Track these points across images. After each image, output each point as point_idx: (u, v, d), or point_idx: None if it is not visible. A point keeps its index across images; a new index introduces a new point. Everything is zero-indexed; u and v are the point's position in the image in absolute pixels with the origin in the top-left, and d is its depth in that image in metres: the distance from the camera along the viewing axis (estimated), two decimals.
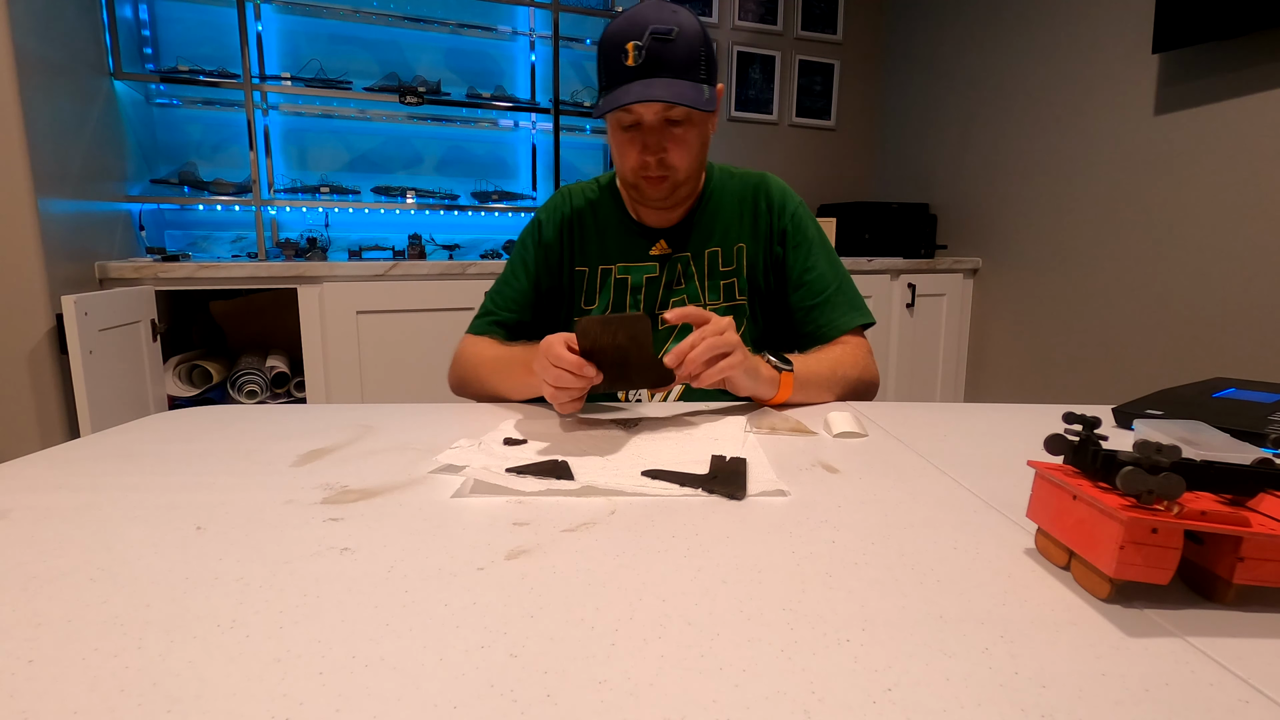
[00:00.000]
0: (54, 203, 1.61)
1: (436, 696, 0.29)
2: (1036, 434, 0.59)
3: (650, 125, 0.87)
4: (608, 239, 0.99)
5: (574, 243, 0.99)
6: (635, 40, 0.83)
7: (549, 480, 0.55)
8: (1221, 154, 1.80)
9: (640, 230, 0.99)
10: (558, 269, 1.00)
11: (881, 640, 0.33)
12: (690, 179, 0.93)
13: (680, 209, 0.97)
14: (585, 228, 1.00)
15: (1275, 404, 0.74)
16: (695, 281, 0.97)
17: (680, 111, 0.86)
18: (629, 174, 0.92)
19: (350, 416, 0.77)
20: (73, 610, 0.36)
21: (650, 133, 0.87)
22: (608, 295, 0.98)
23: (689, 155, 0.90)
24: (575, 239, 0.99)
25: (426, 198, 2.38)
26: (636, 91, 0.83)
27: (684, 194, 0.94)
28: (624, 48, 0.83)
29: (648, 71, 0.83)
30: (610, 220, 1.00)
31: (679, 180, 0.91)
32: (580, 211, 1.01)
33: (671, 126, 0.88)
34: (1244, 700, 0.29)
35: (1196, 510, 0.35)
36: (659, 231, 0.98)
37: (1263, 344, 1.74)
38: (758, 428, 0.72)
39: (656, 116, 0.86)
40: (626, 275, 0.98)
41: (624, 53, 0.83)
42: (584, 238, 1.00)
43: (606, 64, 0.87)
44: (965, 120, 2.63)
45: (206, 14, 2.20)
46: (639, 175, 0.91)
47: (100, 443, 0.67)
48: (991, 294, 2.58)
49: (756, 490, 0.54)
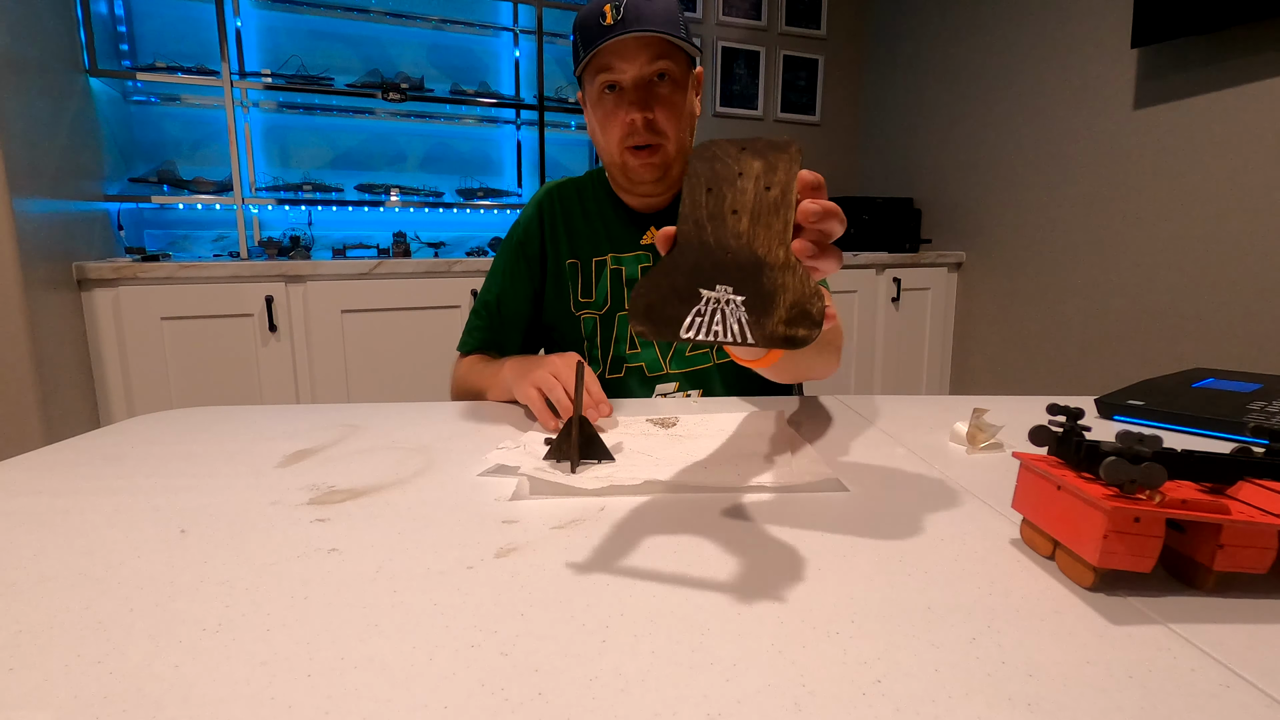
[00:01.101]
0: (29, 202, 1.59)
1: (427, 696, 0.29)
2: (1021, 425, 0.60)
3: (634, 82, 0.84)
4: (597, 229, 0.97)
5: (561, 236, 0.97)
6: (612, 1, 0.81)
7: (608, 478, 0.55)
8: (1200, 147, 1.82)
9: (630, 217, 0.96)
10: (541, 267, 0.98)
11: (870, 632, 0.33)
12: (680, 155, 0.90)
13: (669, 193, 0.94)
14: (573, 219, 0.97)
15: (1253, 393, 0.75)
16: None
17: (664, 65, 0.83)
18: (615, 149, 0.88)
19: (336, 416, 0.76)
20: (55, 616, 0.35)
21: (634, 91, 0.84)
22: (604, 288, 0.96)
23: (677, 121, 0.86)
24: (562, 232, 0.97)
25: (410, 195, 2.37)
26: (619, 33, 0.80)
27: (675, 175, 0.91)
28: (601, 10, 0.82)
29: (627, 26, 0.81)
30: (599, 209, 0.97)
31: (670, 155, 0.88)
32: (568, 203, 0.98)
33: (657, 86, 0.85)
34: (1224, 685, 0.30)
35: (1178, 499, 0.35)
36: (648, 218, 0.96)
37: (1241, 335, 1.77)
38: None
39: (640, 72, 0.83)
40: (620, 266, 0.95)
41: (602, 14, 0.81)
42: (572, 230, 0.97)
43: (584, 33, 0.84)
44: (948, 115, 2.64)
45: (184, 9, 2.16)
46: (626, 146, 0.86)
47: (82, 445, 0.66)
48: (975, 287, 2.60)
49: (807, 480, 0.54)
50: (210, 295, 1.86)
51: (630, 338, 0.95)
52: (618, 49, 0.82)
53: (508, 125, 2.57)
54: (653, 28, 0.81)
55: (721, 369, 0.95)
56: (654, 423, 0.72)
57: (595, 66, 0.84)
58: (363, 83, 2.29)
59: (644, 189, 0.91)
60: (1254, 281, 1.73)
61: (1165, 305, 1.94)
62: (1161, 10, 1.79)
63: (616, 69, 0.83)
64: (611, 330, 0.96)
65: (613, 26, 0.81)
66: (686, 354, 0.94)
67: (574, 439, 0.58)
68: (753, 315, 0.38)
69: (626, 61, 0.83)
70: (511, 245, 0.98)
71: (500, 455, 0.62)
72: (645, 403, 0.86)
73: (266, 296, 1.89)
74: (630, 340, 0.95)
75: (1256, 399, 0.73)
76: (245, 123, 2.26)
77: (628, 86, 0.84)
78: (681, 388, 0.95)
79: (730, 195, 0.40)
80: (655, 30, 0.81)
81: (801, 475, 0.56)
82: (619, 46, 0.82)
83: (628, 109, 0.84)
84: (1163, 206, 1.93)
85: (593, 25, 0.83)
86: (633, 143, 0.86)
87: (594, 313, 0.96)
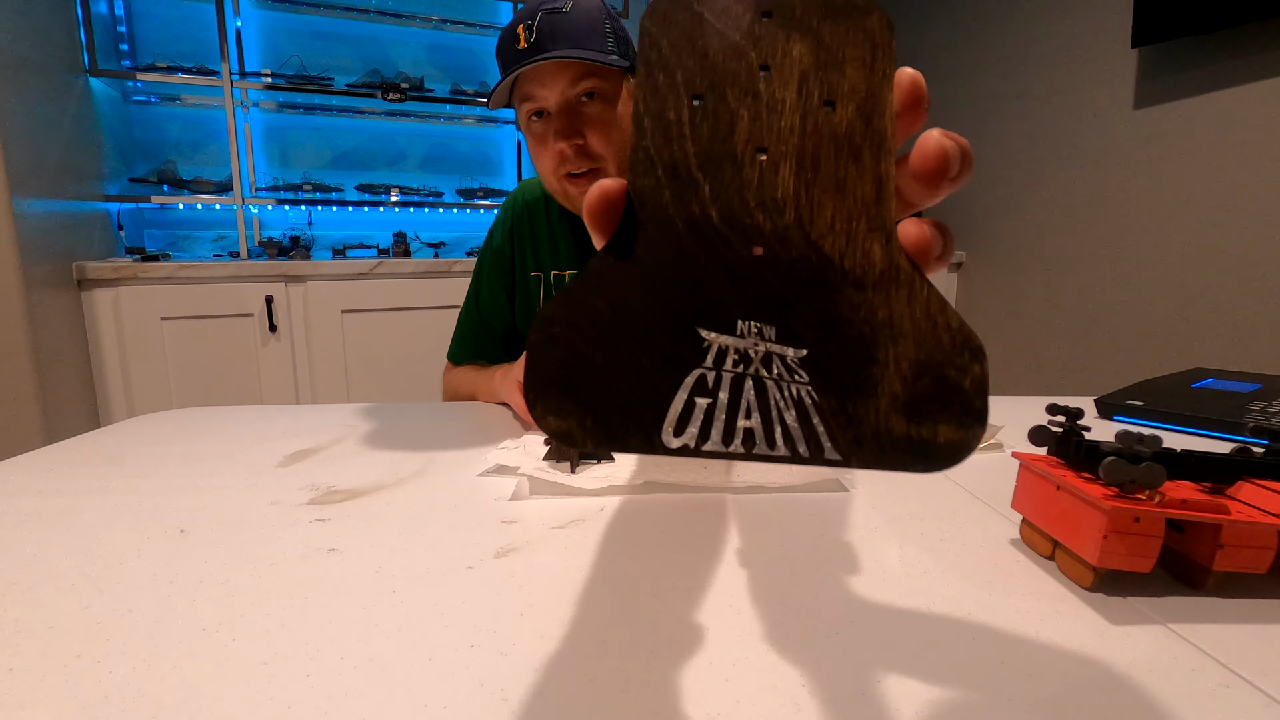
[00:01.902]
0: (29, 202, 1.59)
1: (426, 696, 0.29)
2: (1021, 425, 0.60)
3: (557, 108, 0.76)
4: (558, 241, 0.92)
5: (527, 247, 0.93)
6: (525, 21, 0.74)
7: (608, 478, 0.55)
8: (1200, 147, 1.82)
9: (585, 230, 0.91)
10: (511, 275, 0.95)
11: (870, 632, 0.33)
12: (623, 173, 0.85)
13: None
14: (538, 229, 0.93)
15: (1253, 393, 0.75)
16: None
17: (589, 85, 0.75)
18: (552, 176, 0.80)
19: (336, 416, 0.76)
20: (54, 617, 0.35)
21: (559, 117, 0.76)
22: None
23: (613, 141, 0.78)
24: (528, 243, 0.93)
25: (410, 195, 2.37)
26: (527, 62, 0.73)
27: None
28: (515, 32, 0.75)
29: (541, 48, 0.73)
30: (560, 220, 0.93)
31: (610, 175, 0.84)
32: (534, 211, 0.93)
33: (583, 106, 0.77)
34: (1224, 685, 0.30)
35: (1177, 499, 0.35)
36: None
37: (1240, 335, 1.77)
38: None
39: (563, 97, 0.76)
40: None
41: (515, 37, 0.74)
42: (534, 242, 0.93)
43: (501, 58, 0.78)
44: (947, 114, 2.64)
45: (184, 10, 2.17)
46: (561, 175, 0.79)
47: (81, 446, 0.66)
48: (975, 288, 2.60)
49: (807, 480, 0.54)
50: (210, 295, 1.86)
51: None
52: (536, 75, 0.75)
53: (508, 125, 2.58)
54: (568, 48, 0.73)
55: None
56: None
57: (518, 95, 0.78)
58: (363, 83, 2.29)
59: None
60: (1254, 281, 1.73)
61: (1165, 305, 1.94)
62: (1161, 10, 1.79)
63: (538, 96, 0.76)
64: None
65: (527, 50, 0.73)
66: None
67: None
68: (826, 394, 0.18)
69: (546, 88, 0.75)
70: (489, 251, 0.96)
71: (500, 455, 0.62)
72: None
73: (266, 296, 1.89)
74: None
75: (1256, 399, 0.73)
76: (245, 123, 2.26)
77: (553, 113, 0.77)
78: None
79: (746, 113, 0.19)
80: (571, 53, 0.73)
81: (801, 475, 0.56)
82: (536, 73, 0.75)
83: (555, 138, 0.77)
84: (1163, 206, 1.93)
85: (508, 49, 0.76)
86: (566, 170, 0.79)
87: None
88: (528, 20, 0.74)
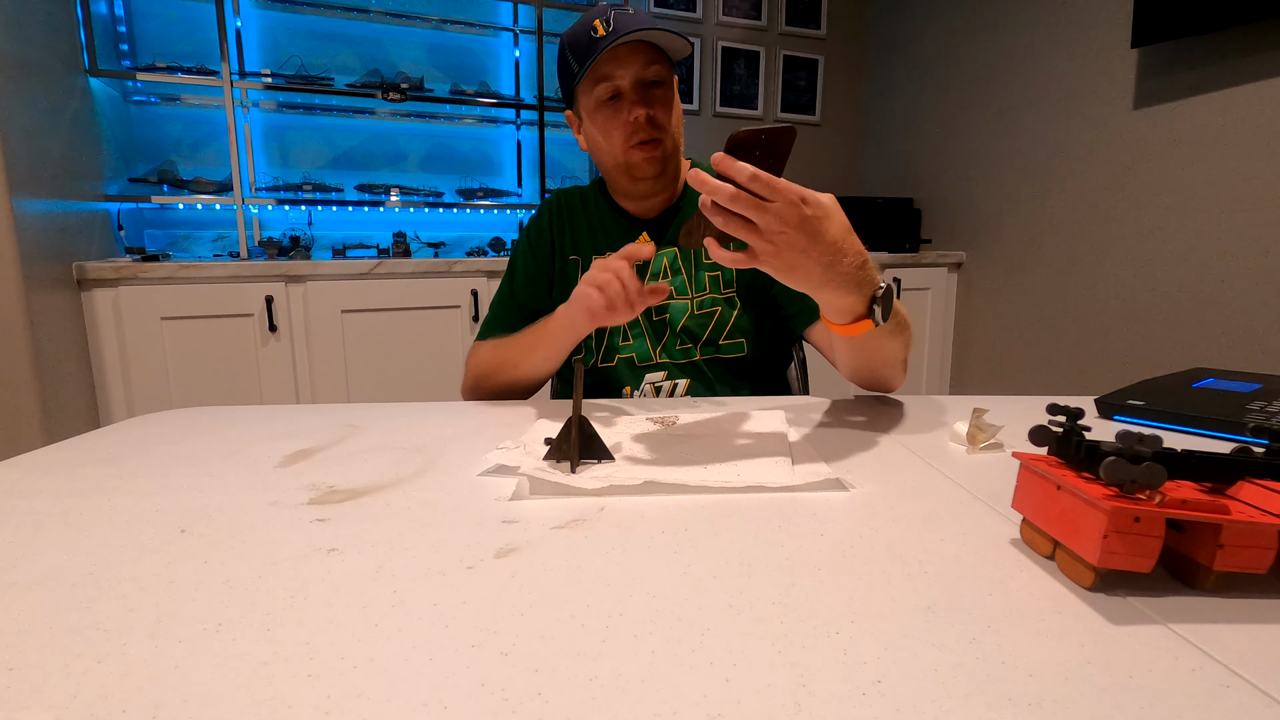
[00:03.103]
0: (29, 202, 1.59)
1: (427, 696, 0.29)
2: (1021, 425, 0.60)
3: (630, 87, 0.89)
4: (596, 229, 1.02)
5: (565, 234, 1.02)
6: (601, 16, 0.87)
7: (608, 478, 0.55)
8: (1199, 147, 1.82)
9: (627, 220, 1.01)
10: (550, 261, 1.02)
11: (870, 632, 0.33)
12: (676, 151, 0.95)
13: (660, 197, 0.99)
14: (576, 220, 1.03)
15: (1253, 393, 0.75)
16: (683, 274, 0.98)
17: (656, 71, 0.89)
18: (620, 148, 0.92)
19: (336, 416, 0.76)
20: (55, 616, 0.35)
21: (635, 90, 0.90)
22: None
23: (673, 118, 0.93)
24: (567, 230, 1.02)
25: (410, 195, 2.37)
26: (613, 40, 0.85)
27: (672, 170, 0.96)
28: (591, 25, 0.88)
29: (619, 34, 0.86)
30: (599, 213, 1.03)
31: (669, 149, 0.93)
32: (571, 206, 1.04)
33: (651, 89, 0.91)
34: (1225, 685, 0.30)
35: (1178, 499, 0.35)
36: (641, 223, 1.01)
37: (1241, 335, 1.77)
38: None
39: (638, 75, 0.89)
40: None
41: (592, 29, 0.87)
42: (574, 229, 1.02)
43: (575, 49, 0.90)
44: (949, 115, 2.64)
45: (184, 10, 2.17)
46: (630, 145, 0.91)
47: (82, 446, 0.66)
48: (975, 287, 2.60)
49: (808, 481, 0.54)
50: (210, 295, 1.86)
51: (623, 330, 0.98)
52: (614, 57, 0.88)
53: (508, 125, 2.58)
54: (644, 32, 0.86)
55: (709, 362, 0.97)
56: (654, 422, 0.72)
57: (594, 77, 0.90)
58: (363, 83, 2.29)
59: (644, 187, 0.96)
60: (1254, 281, 1.73)
61: (1165, 305, 1.94)
62: (1161, 10, 1.79)
63: (616, 75, 0.89)
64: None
65: (605, 37, 0.86)
66: (676, 347, 0.97)
67: (574, 439, 0.58)
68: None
69: (624, 68, 0.88)
70: (525, 244, 1.04)
71: (500, 455, 0.62)
72: (646, 402, 0.87)
73: (266, 296, 1.89)
74: (623, 332, 0.98)
75: (1256, 399, 0.73)
76: (245, 123, 2.26)
77: (627, 89, 0.89)
78: (670, 376, 0.97)
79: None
80: (656, 27, 0.87)
81: (801, 475, 0.56)
82: (614, 55, 0.88)
83: (630, 108, 0.90)
84: (1163, 206, 1.93)
85: (584, 40, 0.88)
86: (637, 139, 0.91)
87: None
88: (603, 15, 0.88)
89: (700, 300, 0.97)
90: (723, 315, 0.97)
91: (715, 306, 0.97)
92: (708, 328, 0.96)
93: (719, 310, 0.97)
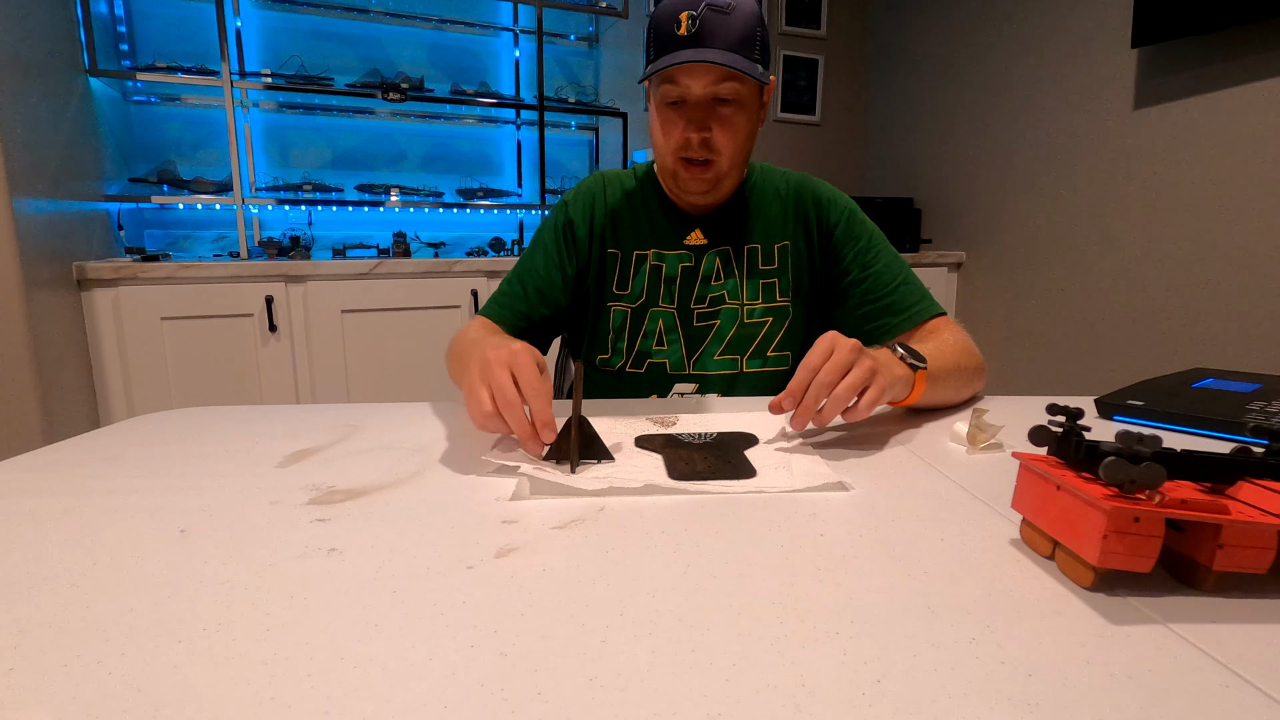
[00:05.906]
0: (29, 202, 1.59)
1: (426, 696, 0.29)
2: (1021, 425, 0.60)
3: (697, 101, 0.82)
4: (640, 221, 0.95)
5: (604, 224, 0.95)
6: (690, 10, 0.79)
7: (608, 478, 0.55)
8: (1200, 147, 1.82)
9: (677, 214, 0.94)
10: (588, 249, 0.95)
11: (870, 632, 0.33)
12: (734, 170, 0.88)
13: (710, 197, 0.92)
14: (618, 209, 0.95)
15: (1253, 393, 0.75)
16: (735, 279, 0.93)
17: (730, 89, 0.82)
18: (669, 157, 0.86)
19: (336, 416, 0.76)
20: (54, 616, 0.35)
21: (696, 109, 0.83)
22: (641, 282, 0.93)
23: (734, 141, 0.85)
24: (606, 220, 0.95)
25: (410, 195, 2.37)
26: (687, 56, 0.79)
27: (726, 188, 0.90)
28: (677, 17, 0.80)
29: (700, 41, 0.79)
30: (645, 203, 0.96)
31: (722, 171, 0.87)
32: (612, 193, 0.96)
33: (719, 106, 0.83)
34: (1224, 684, 0.30)
35: (1177, 499, 0.35)
36: (695, 219, 0.94)
37: (1241, 335, 1.77)
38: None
39: (705, 91, 0.82)
40: (661, 262, 0.93)
41: (677, 22, 0.80)
42: (616, 219, 0.95)
43: (657, 35, 0.83)
44: (949, 115, 2.64)
45: (184, 9, 2.17)
46: (679, 158, 0.86)
47: (81, 445, 0.66)
48: (975, 288, 2.60)
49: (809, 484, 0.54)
50: (210, 295, 1.86)
51: (658, 333, 0.93)
52: (685, 66, 0.81)
53: (508, 125, 2.58)
54: (721, 54, 0.79)
55: (749, 375, 0.92)
56: (654, 423, 0.72)
57: (661, 76, 0.83)
58: (363, 83, 2.29)
59: (691, 198, 0.91)
60: (1254, 281, 1.73)
61: (1165, 305, 1.94)
62: (1161, 10, 1.79)
63: (681, 85, 0.82)
64: (641, 325, 0.94)
65: (685, 39, 0.80)
66: (715, 357, 0.93)
67: (574, 439, 0.58)
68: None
69: (692, 80, 0.81)
70: (556, 225, 0.95)
71: (500, 455, 0.62)
72: (646, 402, 0.86)
73: (266, 296, 1.89)
74: (658, 336, 0.93)
75: (1256, 399, 0.73)
76: (245, 123, 2.26)
77: (691, 104, 0.83)
78: (701, 390, 0.93)
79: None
80: (722, 61, 0.79)
81: (802, 476, 0.56)
82: (686, 64, 0.80)
83: (685, 126, 0.84)
84: (1163, 206, 1.93)
85: (666, 32, 0.81)
86: (686, 155, 0.85)
87: (626, 305, 0.94)
88: (692, 10, 0.79)
89: (751, 309, 0.92)
90: (773, 326, 0.92)
91: (767, 317, 0.92)
92: (756, 338, 0.92)
93: (770, 321, 0.92)
